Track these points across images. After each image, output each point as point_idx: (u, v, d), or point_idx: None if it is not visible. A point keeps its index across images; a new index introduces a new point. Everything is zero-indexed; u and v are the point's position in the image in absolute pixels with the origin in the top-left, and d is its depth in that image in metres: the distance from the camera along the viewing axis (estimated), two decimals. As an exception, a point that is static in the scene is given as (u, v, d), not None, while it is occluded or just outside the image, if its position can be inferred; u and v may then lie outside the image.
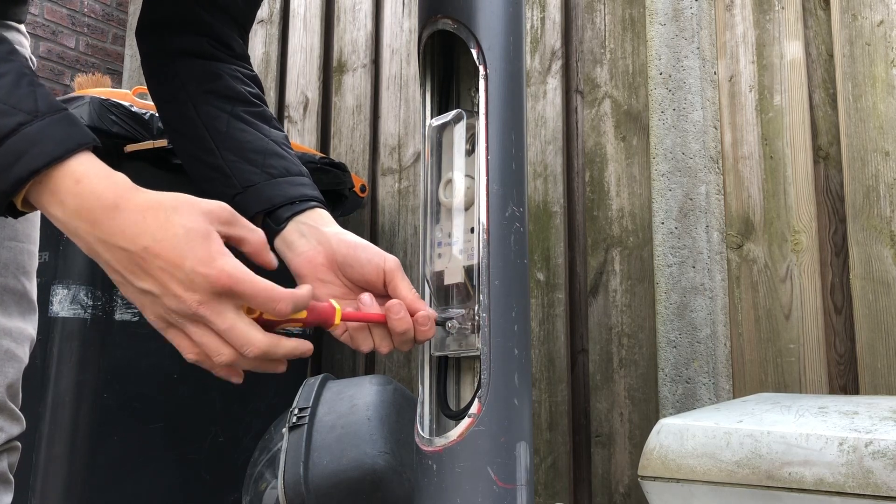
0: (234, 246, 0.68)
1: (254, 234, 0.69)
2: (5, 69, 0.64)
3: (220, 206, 0.67)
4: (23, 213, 0.66)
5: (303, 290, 0.70)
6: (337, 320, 0.74)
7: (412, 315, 0.80)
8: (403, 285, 0.80)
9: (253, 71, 1.00)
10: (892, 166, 1.52)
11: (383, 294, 0.83)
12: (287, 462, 1.45)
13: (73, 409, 1.61)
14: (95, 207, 0.63)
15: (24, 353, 0.91)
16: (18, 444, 0.91)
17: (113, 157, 1.65)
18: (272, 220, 0.89)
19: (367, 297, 0.79)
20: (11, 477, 0.90)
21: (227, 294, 0.64)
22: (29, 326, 0.92)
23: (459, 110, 0.94)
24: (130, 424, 1.68)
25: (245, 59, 1.00)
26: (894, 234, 1.50)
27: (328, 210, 0.92)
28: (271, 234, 0.88)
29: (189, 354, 0.67)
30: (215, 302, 0.64)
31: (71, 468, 1.60)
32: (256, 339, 0.66)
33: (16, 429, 0.88)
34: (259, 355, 0.66)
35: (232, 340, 0.65)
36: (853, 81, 1.58)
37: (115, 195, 0.63)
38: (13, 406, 0.89)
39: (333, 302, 0.74)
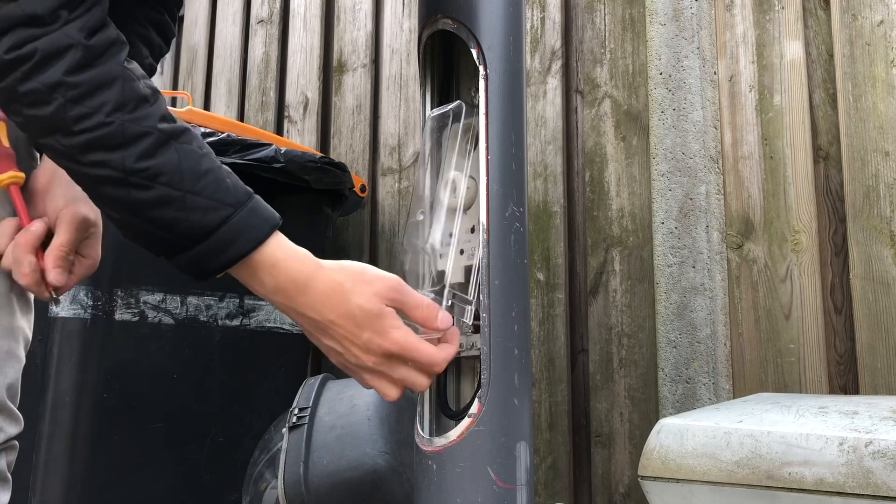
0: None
1: (418, 311, 0.82)
2: (207, 166, 0.75)
3: (391, 285, 0.81)
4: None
5: (453, 350, 0.84)
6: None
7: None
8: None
9: (163, 14, 1.03)
10: (892, 166, 1.52)
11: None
12: (287, 462, 1.45)
13: (73, 409, 1.61)
14: (289, 288, 0.78)
15: (23, 354, 0.91)
16: (16, 443, 0.91)
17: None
18: None
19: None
20: (9, 476, 0.90)
21: (398, 357, 0.79)
22: (27, 326, 0.93)
23: (460, 102, 0.94)
24: (130, 424, 1.68)
25: (163, 0, 1.02)
26: (894, 234, 1.50)
27: None
28: None
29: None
30: (388, 362, 0.79)
31: (71, 468, 1.60)
32: (436, 362, 0.82)
33: (14, 429, 0.89)
34: (442, 370, 0.83)
35: (410, 378, 0.81)
36: (853, 81, 1.58)
37: (305, 277, 0.78)
38: (12, 406, 0.89)
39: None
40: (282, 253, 0.78)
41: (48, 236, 0.86)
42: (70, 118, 0.70)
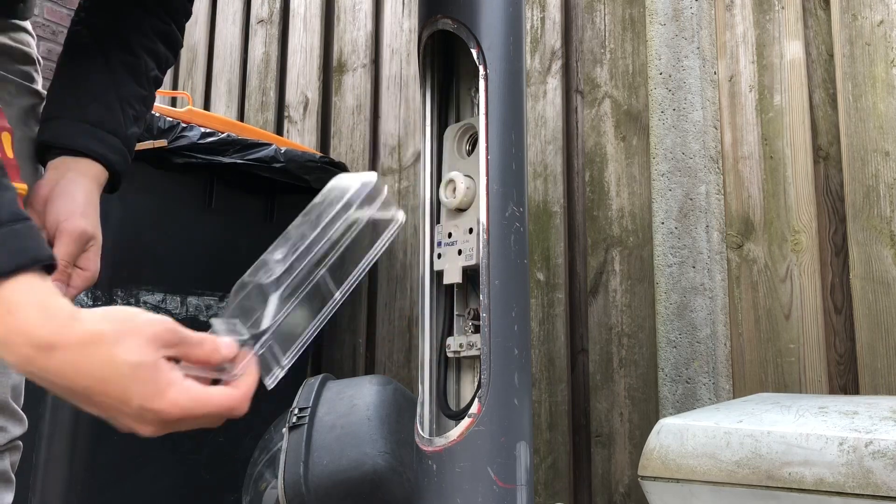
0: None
1: (198, 349, 0.66)
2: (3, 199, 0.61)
3: (165, 328, 0.64)
4: None
5: (252, 381, 0.68)
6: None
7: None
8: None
9: (170, 25, 1.01)
10: (892, 166, 1.52)
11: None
12: (287, 462, 1.45)
13: (73, 409, 1.61)
14: (33, 345, 0.58)
15: None
16: (20, 443, 0.91)
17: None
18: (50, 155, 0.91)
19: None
20: (13, 476, 0.90)
21: (179, 421, 0.62)
22: None
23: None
24: (130, 424, 1.68)
25: (171, 11, 1.01)
26: (894, 234, 1.50)
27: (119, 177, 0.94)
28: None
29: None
30: (173, 425, 0.62)
31: (71, 468, 1.60)
32: (235, 407, 0.65)
33: (18, 429, 0.89)
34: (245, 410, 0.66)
35: (208, 424, 0.65)
36: (853, 81, 1.58)
37: (52, 331, 0.58)
38: (16, 407, 0.89)
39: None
40: (24, 297, 0.58)
41: None
42: None
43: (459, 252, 0.90)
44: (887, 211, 1.51)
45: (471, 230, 0.90)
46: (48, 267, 0.61)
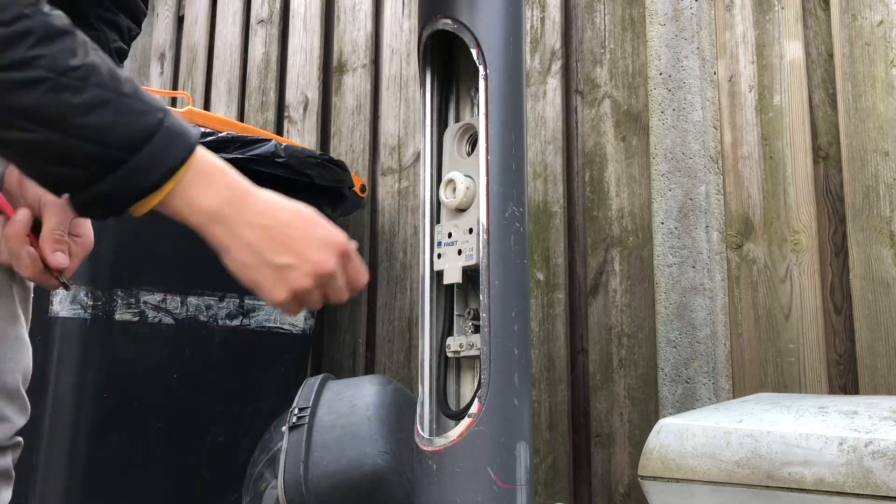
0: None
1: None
2: (126, 76, 0.69)
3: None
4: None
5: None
6: None
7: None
8: (52, 220, 0.82)
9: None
10: (891, 166, 1.52)
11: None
12: (287, 462, 1.45)
13: (73, 409, 1.61)
14: (242, 194, 0.74)
15: (29, 342, 0.91)
16: (21, 440, 0.91)
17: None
18: None
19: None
20: (13, 473, 0.90)
21: (344, 255, 0.78)
22: (26, 315, 0.93)
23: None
24: (130, 424, 1.68)
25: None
26: (894, 234, 1.51)
27: None
28: None
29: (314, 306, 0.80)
30: (341, 259, 0.78)
31: (71, 468, 1.60)
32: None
33: (23, 419, 0.89)
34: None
35: (353, 277, 0.80)
36: (853, 81, 1.58)
37: (245, 184, 0.75)
38: (25, 395, 0.89)
39: None
40: (215, 162, 0.73)
41: (36, 226, 0.85)
42: None
43: (459, 252, 0.90)
44: (887, 211, 1.51)
45: (471, 230, 0.90)
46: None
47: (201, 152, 0.73)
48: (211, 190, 0.73)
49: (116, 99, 0.67)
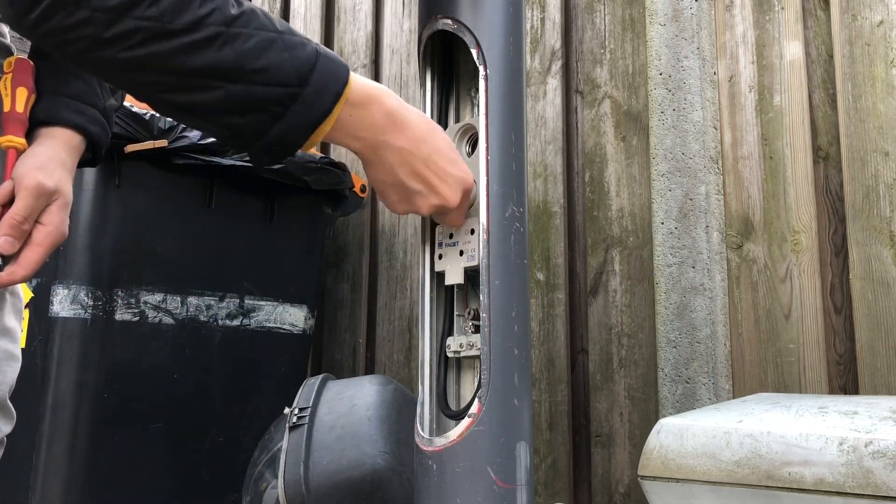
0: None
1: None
2: (270, 14, 0.73)
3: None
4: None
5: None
6: None
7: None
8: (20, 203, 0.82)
9: None
10: (891, 166, 1.52)
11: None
12: (287, 462, 1.45)
13: (73, 409, 1.61)
14: (396, 118, 0.79)
15: (20, 353, 0.91)
16: (5, 439, 0.91)
17: (113, 157, 1.65)
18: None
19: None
20: None
21: (468, 192, 0.85)
22: (17, 327, 0.93)
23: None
24: (130, 424, 1.68)
25: None
26: (894, 235, 1.51)
27: (98, 153, 0.96)
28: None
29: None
30: (463, 199, 0.85)
31: (71, 468, 1.60)
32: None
33: (9, 427, 0.90)
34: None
35: (454, 220, 0.87)
36: (853, 82, 1.58)
37: (400, 110, 0.80)
38: (10, 405, 0.89)
39: None
40: (370, 86, 0.78)
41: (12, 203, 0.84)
42: None
43: (461, 253, 0.90)
44: (887, 211, 1.51)
45: (472, 231, 0.89)
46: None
47: (355, 76, 0.76)
48: (368, 113, 0.77)
49: (278, 37, 0.70)
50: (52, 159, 0.85)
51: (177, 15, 0.65)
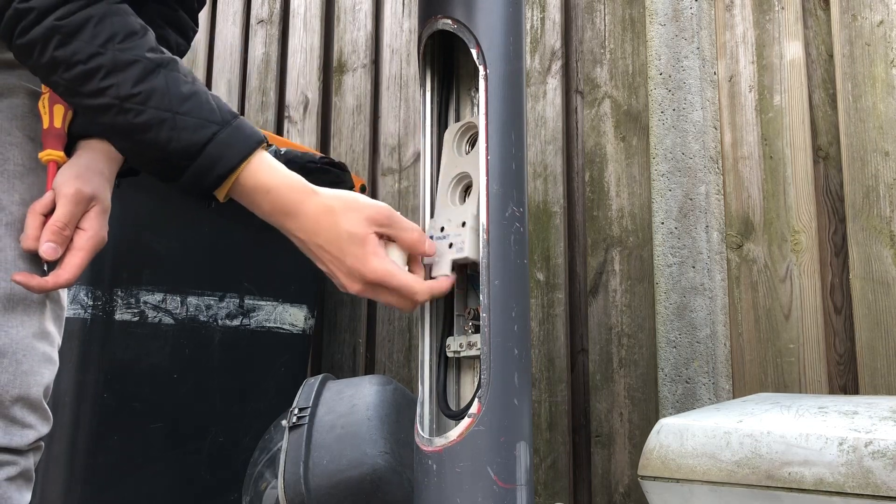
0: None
1: (406, 233, 0.85)
2: (192, 90, 0.82)
3: (380, 211, 0.84)
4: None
5: (442, 284, 0.87)
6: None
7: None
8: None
9: (177, 11, 1.07)
10: (891, 166, 1.52)
11: None
12: (287, 462, 1.45)
13: (73, 409, 1.61)
14: (281, 212, 0.84)
15: (57, 357, 0.96)
16: (42, 443, 0.94)
17: (113, 157, 1.65)
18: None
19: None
20: (34, 474, 0.93)
21: (379, 285, 0.83)
22: (58, 333, 0.97)
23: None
24: (130, 424, 1.68)
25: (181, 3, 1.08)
26: (894, 234, 1.51)
27: None
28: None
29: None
30: (371, 289, 0.84)
31: (71, 468, 1.60)
32: (416, 292, 0.85)
33: (45, 428, 0.94)
34: (424, 299, 0.86)
35: (396, 303, 0.85)
36: (853, 81, 1.58)
37: (296, 202, 0.83)
38: (46, 406, 0.92)
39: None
40: (275, 179, 0.83)
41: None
42: (66, 53, 0.78)
43: (451, 245, 0.90)
44: (887, 211, 1.51)
45: (464, 223, 0.90)
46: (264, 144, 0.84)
47: (260, 167, 0.83)
48: (256, 201, 0.84)
49: (172, 118, 0.79)
50: (89, 168, 0.91)
51: (82, 83, 0.79)
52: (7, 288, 0.88)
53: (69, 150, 0.93)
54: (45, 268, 0.88)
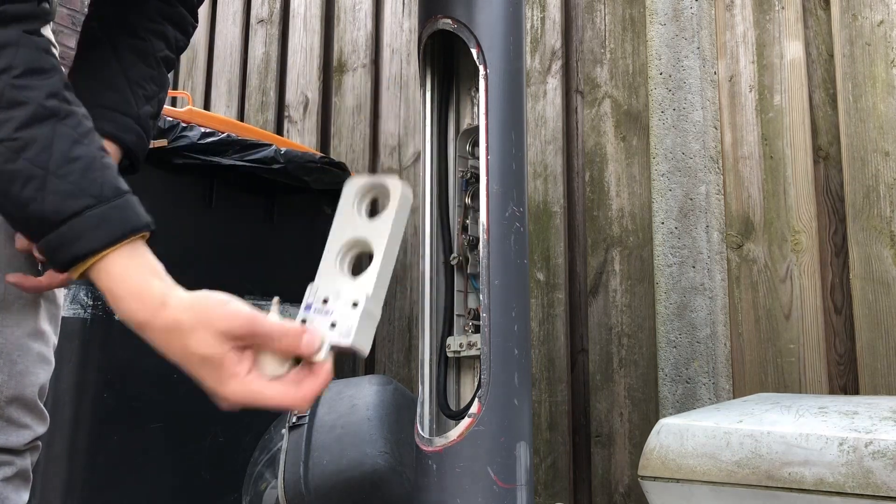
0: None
1: (276, 343, 0.72)
2: (80, 153, 0.71)
3: (240, 323, 0.71)
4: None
5: (317, 382, 0.72)
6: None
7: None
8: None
9: (175, 7, 1.03)
10: (892, 166, 1.52)
11: None
12: (287, 462, 1.45)
13: (73, 409, 1.61)
14: (134, 325, 0.71)
15: (52, 357, 0.94)
16: (40, 443, 0.94)
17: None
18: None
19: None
20: (31, 475, 0.93)
21: (243, 406, 0.70)
22: (53, 332, 0.96)
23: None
24: (130, 424, 1.68)
25: None
26: (894, 234, 1.50)
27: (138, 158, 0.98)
28: None
29: None
30: (241, 405, 0.70)
31: (71, 468, 1.60)
32: (292, 405, 0.72)
33: (42, 428, 0.93)
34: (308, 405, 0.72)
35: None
36: (853, 81, 1.58)
37: (145, 317, 0.71)
38: (42, 406, 0.92)
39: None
40: (122, 288, 0.71)
41: None
42: None
43: (333, 325, 0.75)
44: (887, 211, 1.51)
45: (355, 304, 0.74)
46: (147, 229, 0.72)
47: (113, 261, 0.71)
48: (114, 301, 0.72)
49: (43, 176, 0.69)
50: None
51: None
52: (1, 289, 0.87)
53: None
54: (40, 268, 0.87)
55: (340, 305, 0.74)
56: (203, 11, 2.94)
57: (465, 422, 0.84)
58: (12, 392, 0.88)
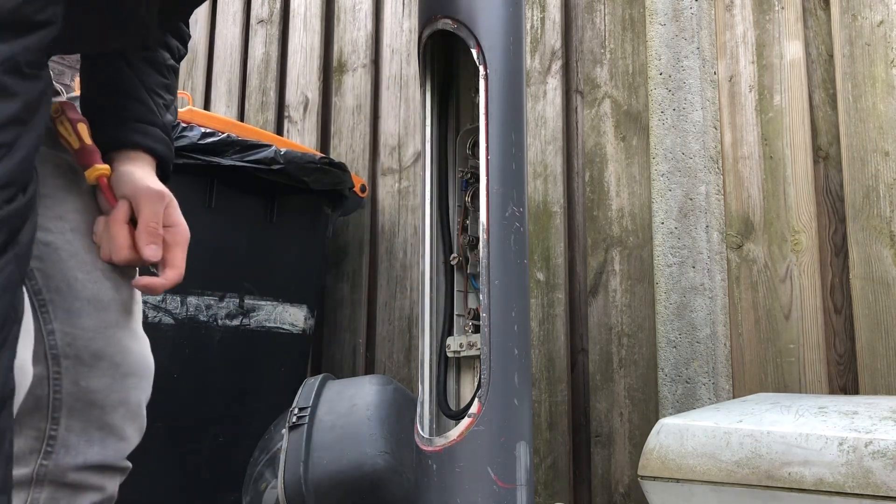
0: None
1: None
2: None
3: None
4: None
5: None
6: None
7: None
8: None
9: (175, 19, 1.06)
10: (891, 166, 1.52)
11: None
12: (287, 462, 1.45)
13: (73, 409, 1.60)
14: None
15: (152, 359, 0.99)
16: (130, 464, 0.91)
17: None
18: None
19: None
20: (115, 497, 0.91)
21: None
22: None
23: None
24: (130, 424, 1.68)
25: None
26: (894, 234, 1.50)
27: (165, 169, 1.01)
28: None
29: None
30: None
31: (71, 468, 1.60)
32: None
33: (137, 439, 0.93)
34: None
35: None
36: (853, 81, 1.58)
37: None
38: (144, 414, 0.92)
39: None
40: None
41: (132, 219, 0.89)
42: None
43: None
44: (887, 211, 1.51)
45: None
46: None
47: None
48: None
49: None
50: (143, 170, 0.91)
51: None
52: (94, 290, 0.86)
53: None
54: (152, 269, 0.87)
55: None
56: (203, 11, 2.94)
57: (465, 422, 0.84)
58: (118, 397, 0.85)
